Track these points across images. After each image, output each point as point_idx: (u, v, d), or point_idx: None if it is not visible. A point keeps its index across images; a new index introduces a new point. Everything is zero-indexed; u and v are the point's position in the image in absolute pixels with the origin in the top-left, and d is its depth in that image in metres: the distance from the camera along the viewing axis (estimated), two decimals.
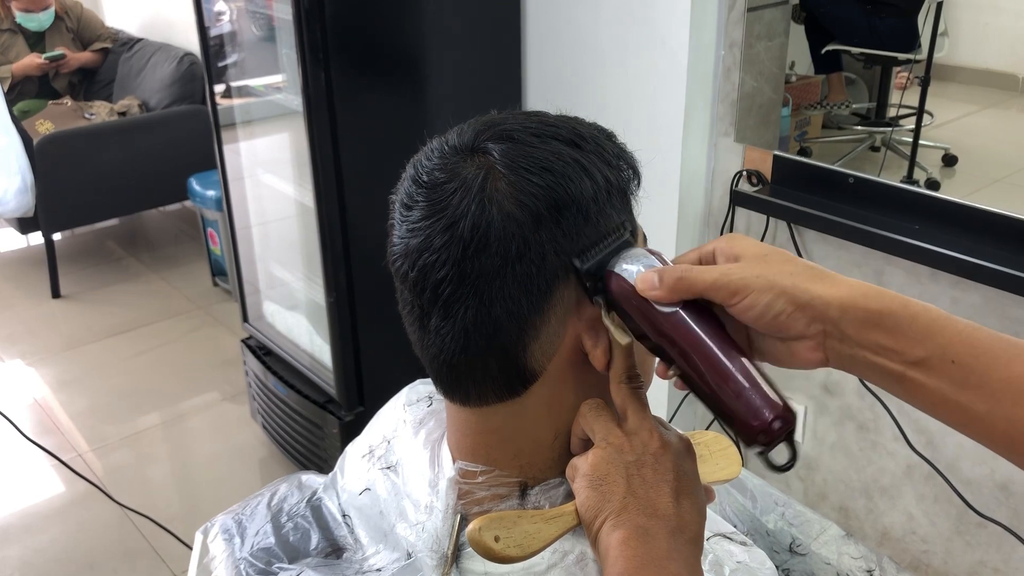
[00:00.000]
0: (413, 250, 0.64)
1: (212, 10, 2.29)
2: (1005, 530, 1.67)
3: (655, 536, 0.60)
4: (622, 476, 0.63)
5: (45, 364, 3.15)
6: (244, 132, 2.45)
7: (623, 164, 0.68)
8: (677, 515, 0.62)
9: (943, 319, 0.58)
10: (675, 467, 0.64)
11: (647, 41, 1.87)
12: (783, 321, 0.59)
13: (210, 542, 0.87)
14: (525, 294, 0.63)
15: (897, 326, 0.58)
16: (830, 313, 0.58)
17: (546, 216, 0.62)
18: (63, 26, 4.11)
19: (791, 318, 0.59)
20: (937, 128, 1.89)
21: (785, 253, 0.63)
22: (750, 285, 0.59)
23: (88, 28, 4.19)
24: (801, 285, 0.59)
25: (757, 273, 0.60)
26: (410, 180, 0.66)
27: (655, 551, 0.59)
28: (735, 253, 0.63)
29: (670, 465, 0.64)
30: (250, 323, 2.55)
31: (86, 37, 4.18)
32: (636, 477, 0.63)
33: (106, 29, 4.26)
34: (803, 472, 2.02)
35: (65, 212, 3.61)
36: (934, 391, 0.57)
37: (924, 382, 0.57)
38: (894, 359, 0.58)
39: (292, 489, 0.90)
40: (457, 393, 0.69)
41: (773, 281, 0.59)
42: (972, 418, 0.57)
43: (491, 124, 0.66)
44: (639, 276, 0.62)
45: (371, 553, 0.77)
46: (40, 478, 2.58)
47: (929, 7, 1.81)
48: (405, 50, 1.99)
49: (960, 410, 0.57)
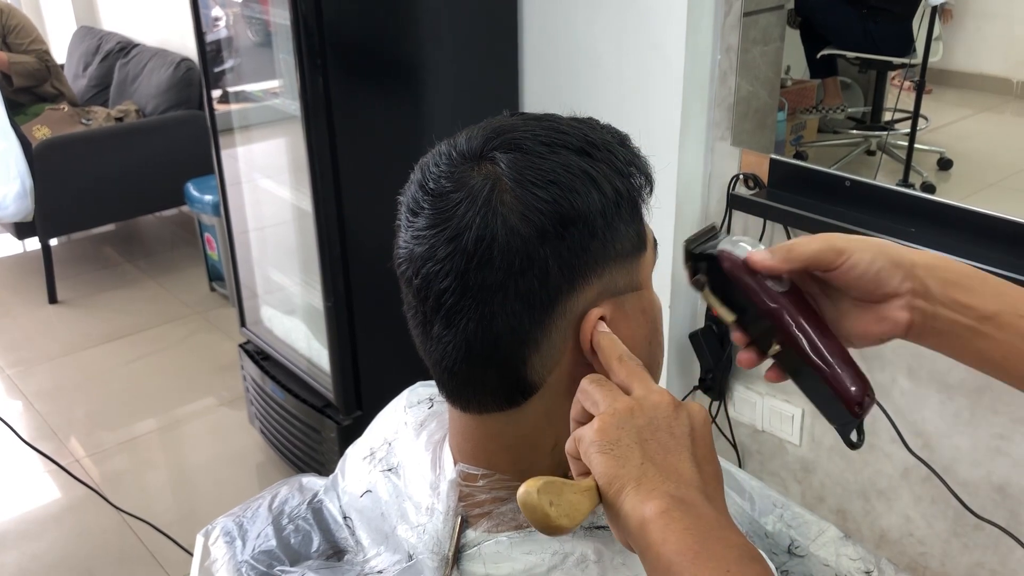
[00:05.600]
0: (417, 257, 0.64)
1: (209, 15, 2.29)
2: (1002, 532, 1.67)
3: (694, 505, 0.55)
4: (635, 441, 0.57)
5: (42, 370, 3.15)
6: (241, 137, 2.45)
7: (635, 171, 0.67)
8: (703, 481, 0.57)
9: (1007, 284, 0.67)
10: (691, 430, 0.59)
11: (643, 47, 1.88)
12: (883, 277, 0.66)
13: (211, 545, 0.87)
14: (527, 308, 0.63)
15: (972, 285, 0.66)
16: (917, 272, 0.66)
17: (551, 231, 0.62)
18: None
19: (889, 274, 0.66)
20: (932, 132, 1.90)
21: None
22: (852, 246, 0.66)
23: (19, 35, 4.13)
24: (892, 248, 0.67)
25: (852, 238, 0.67)
26: (417, 185, 0.66)
27: (704, 521, 0.54)
28: (815, 236, 0.69)
29: (686, 429, 0.59)
30: (248, 328, 2.54)
31: (13, 43, 4.13)
32: (651, 442, 0.57)
33: (38, 44, 4.19)
34: (801, 475, 2.03)
35: (62, 217, 3.61)
36: (1004, 343, 0.65)
37: (995, 335, 0.65)
38: (969, 315, 0.65)
39: (293, 491, 0.90)
40: (458, 399, 0.69)
41: (870, 243, 0.67)
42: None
43: (500, 131, 0.65)
44: (752, 252, 0.68)
45: (372, 555, 0.77)
46: (37, 483, 2.57)
47: (923, 12, 1.82)
48: (402, 56, 1.99)
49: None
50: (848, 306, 0.69)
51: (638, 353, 0.68)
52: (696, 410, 0.60)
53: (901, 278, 0.66)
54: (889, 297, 0.66)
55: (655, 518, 0.53)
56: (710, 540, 0.53)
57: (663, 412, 0.59)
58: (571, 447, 0.60)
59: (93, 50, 4.41)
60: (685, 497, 0.55)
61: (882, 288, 0.66)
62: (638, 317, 0.69)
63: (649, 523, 0.54)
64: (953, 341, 0.67)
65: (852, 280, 0.66)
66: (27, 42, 4.15)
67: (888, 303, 0.67)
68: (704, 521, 0.54)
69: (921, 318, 0.66)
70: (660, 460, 0.57)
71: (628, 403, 0.59)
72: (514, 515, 0.70)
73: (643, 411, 0.59)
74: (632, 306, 0.68)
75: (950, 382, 1.69)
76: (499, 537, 0.70)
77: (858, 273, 0.66)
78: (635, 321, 0.68)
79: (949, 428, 1.72)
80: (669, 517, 0.53)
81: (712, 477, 0.58)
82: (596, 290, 0.65)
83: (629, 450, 0.57)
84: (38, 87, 4.18)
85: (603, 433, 0.58)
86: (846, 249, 0.66)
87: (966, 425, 1.69)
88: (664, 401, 0.60)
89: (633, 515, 0.55)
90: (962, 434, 1.70)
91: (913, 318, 0.67)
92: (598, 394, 0.61)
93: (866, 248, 0.66)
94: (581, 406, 0.62)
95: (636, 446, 0.57)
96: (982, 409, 1.66)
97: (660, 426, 0.58)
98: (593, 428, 0.58)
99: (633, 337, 0.68)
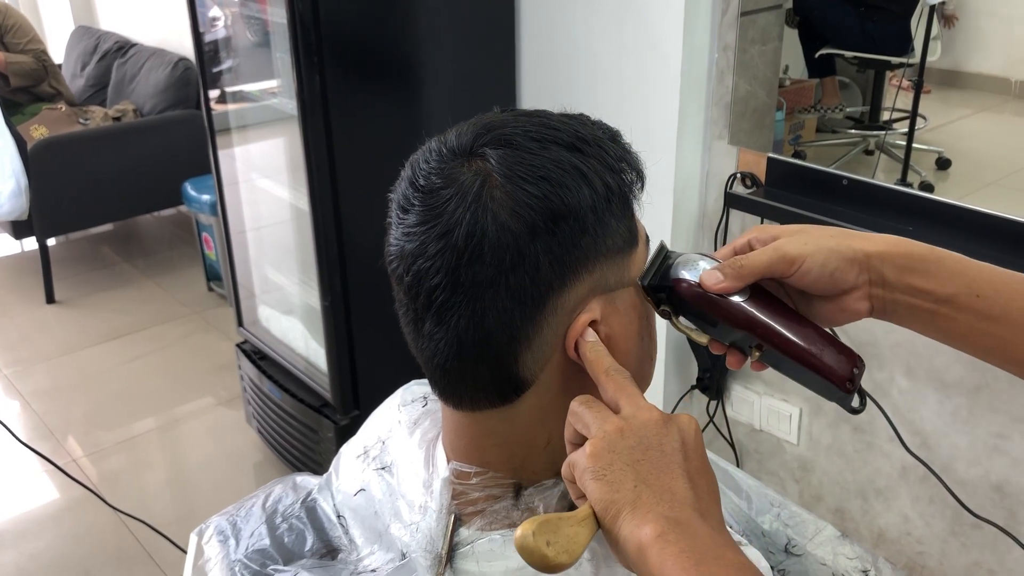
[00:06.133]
0: (408, 254, 0.64)
1: (207, 15, 2.29)
2: (1000, 531, 1.67)
3: (689, 525, 0.55)
4: (627, 463, 0.57)
5: (40, 369, 3.14)
6: (239, 137, 2.45)
7: (625, 167, 0.66)
8: (696, 498, 0.57)
9: (965, 261, 0.67)
10: (683, 445, 0.59)
11: (641, 45, 1.87)
12: (838, 276, 0.66)
13: (205, 544, 0.87)
14: (518, 305, 0.63)
15: (927, 269, 0.66)
16: (872, 263, 0.67)
17: (542, 227, 0.61)
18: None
19: (843, 272, 0.66)
20: (931, 132, 1.89)
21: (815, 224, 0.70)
22: (803, 252, 0.66)
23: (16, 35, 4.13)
24: (844, 243, 0.67)
25: (804, 241, 0.67)
26: (407, 182, 0.66)
27: (700, 542, 0.54)
28: (772, 235, 0.69)
29: (677, 444, 0.59)
30: (245, 327, 2.54)
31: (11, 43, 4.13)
32: (643, 462, 0.57)
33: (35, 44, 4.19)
34: (799, 474, 2.03)
35: (60, 217, 3.61)
36: (963, 323, 0.66)
37: (954, 316, 0.66)
38: (927, 299, 0.66)
39: (287, 490, 0.90)
40: (451, 397, 0.69)
41: (820, 244, 0.66)
42: (997, 344, 0.66)
43: (490, 127, 0.65)
44: (703, 275, 0.68)
45: (366, 554, 0.77)
46: (35, 483, 2.57)
47: (922, 11, 1.82)
48: (399, 54, 1.99)
49: (986, 338, 0.66)
50: (809, 297, 0.70)
51: (631, 349, 0.68)
52: (685, 423, 0.60)
53: (857, 272, 0.67)
54: (848, 291, 0.67)
55: (651, 543, 0.54)
56: (706, 560, 0.53)
57: (652, 430, 0.59)
58: (567, 472, 0.60)
59: (91, 50, 4.41)
60: (680, 518, 0.55)
61: (839, 286, 0.67)
62: (630, 313, 0.68)
63: (646, 548, 0.54)
64: (914, 322, 0.68)
65: (808, 284, 0.67)
66: (24, 41, 4.14)
67: (847, 296, 0.68)
68: (700, 541, 0.54)
69: (881, 305, 0.68)
70: (653, 481, 0.57)
71: (617, 424, 0.59)
72: (507, 512, 0.70)
73: (632, 431, 0.59)
74: (624, 302, 0.68)
75: (948, 380, 1.69)
76: (492, 535, 0.70)
77: (813, 277, 0.66)
78: (627, 317, 0.68)
79: (947, 427, 1.71)
80: (665, 540, 0.54)
81: (706, 491, 0.58)
82: (587, 286, 0.65)
83: (622, 474, 0.57)
84: (35, 87, 4.18)
85: (595, 459, 0.58)
86: (797, 257, 0.66)
87: (964, 424, 1.69)
88: (653, 418, 0.60)
89: (630, 540, 0.55)
90: (960, 433, 1.70)
91: (873, 305, 0.68)
92: (588, 416, 0.61)
93: (817, 251, 0.66)
94: (573, 428, 0.62)
95: (629, 468, 0.57)
96: (980, 407, 1.66)
97: (651, 444, 0.58)
98: (585, 453, 0.58)
99: (625, 333, 0.68)
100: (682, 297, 0.68)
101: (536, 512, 0.70)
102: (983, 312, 0.65)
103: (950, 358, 1.67)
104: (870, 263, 0.67)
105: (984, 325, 0.65)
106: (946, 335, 0.68)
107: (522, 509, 0.70)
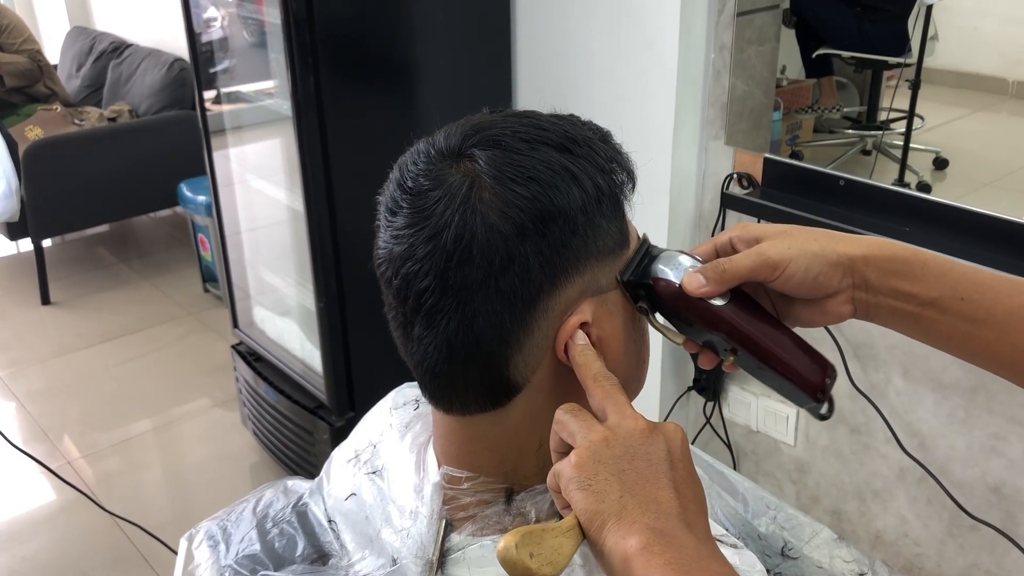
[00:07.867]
0: (396, 257, 0.63)
1: (202, 16, 2.28)
2: (998, 532, 1.67)
3: (675, 536, 0.54)
4: (612, 473, 0.56)
5: (34, 371, 3.13)
6: (234, 138, 2.44)
7: (616, 167, 0.66)
8: (682, 508, 0.56)
9: (950, 263, 0.66)
10: (669, 454, 0.58)
11: (637, 45, 1.87)
12: (822, 281, 0.66)
13: (195, 549, 0.86)
14: (508, 307, 0.62)
15: (912, 272, 0.66)
16: (856, 266, 0.66)
17: (531, 228, 0.61)
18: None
19: (827, 277, 0.66)
20: (928, 132, 1.89)
21: (799, 225, 0.69)
22: (786, 257, 0.65)
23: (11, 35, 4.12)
24: (828, 246, 0.66)
25: (787, 245, 0.66)
26: (395, 184, 0.65)
27: (686, 554, 0.53)
28: (754, 236, 0.68)
29: (663, 454, 0.58)
30: (241, 329, 2.53)
31: (5, 43, 4.12)
32: (629, 471, 0.56)
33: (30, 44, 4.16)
34: (795, 475, 2.02)
35: (55, 218, 3.60)
36: (947, 326, 0.65)
37: (938, 319, 0.65)
38: (911, 302, 0.66)
39: (278, 495, 0.89)
40: (441, 401, 0.69)
41: (804, 248, 0.66)
42: (981, 346, 0.65)
43: (479, 128, 0.64)
44: (685, 278, 0.66)
45: (357, 559, 0.76)
46: (28, 486, 2.56)
47: (919, 11, 1.81)
48: (395, 55, 1.98)
49: (971, 340, 0.65)
50: (791, 299, 0.69)
51: (623, 351, 0.67)
52: (672, 432, 0.59)
53: (840, 276, 0.66)
54: (831, 295, 0.67)
55: (636, 555, 0.53)
56: (692, 572, 0.53)
57: (638, 439, 0.58)
58: (552, 482, 0.59)
59: (86, 50, 4.40)
60: (665, 529, 0.54)
61: (823, 290, 0.67)
62: (622, 315, 0.68)
63: (631, 560, 0.53)
64: (898, 324, 0.68)
65: (791, 288, 0.67)
66: (19, 42, 4.13)
67: (830, 299, 0.67)
68: (685, 553, 0.53)
69: (864, 307, 0.68)
70: (639, 491, 0.56)
71: (603, 433, 0.58)
72: (499, 518, 0.69)
73: (618, 440, 0.58)
74: (616, 304, 0.67)
75: (945, 382, 1.68)
76: (483, 541, 0.69)
77: (796, 282, 0.66)
78: (619, 319, 0.67)
79: (944, 428, 1.71)
80: (650, 552, 0.53)
81: (693, 501, 0.57)
82: (578, 288, 0.64)
83: (608, 484, 0.56)
84: (30, 87, 4.17)
85: (580, 468, 0.57)
86: (780, 262, 0.65)
87: (961, 425, 1.68)
88: (639, 427, 0.59)
89: (616, 551, 0.54)
90: (957, 434, 1.69)
91: (856, 308, 0.68)
92: (573, 424, 0.60)
93: (801, 255, 0.65)
94: (559, 437, 0.61)
95: (614, 479, 0.56)
96: (977, 409, 1.65)
97: (637, 453, 0.57)
98: (571, 463, 0.57)
99: (617, 335, 0.67)
100: (661, 296, 0.68)
101: (527, 517, 0.69)
102: (967, 315, 0.65)
103: (947, 359, 1.66)
104: (854, 267, 0.66)
105: (968, 328, 0.65)
106: (930, 337, 0.67)
107: (513, 514, 0.69)
